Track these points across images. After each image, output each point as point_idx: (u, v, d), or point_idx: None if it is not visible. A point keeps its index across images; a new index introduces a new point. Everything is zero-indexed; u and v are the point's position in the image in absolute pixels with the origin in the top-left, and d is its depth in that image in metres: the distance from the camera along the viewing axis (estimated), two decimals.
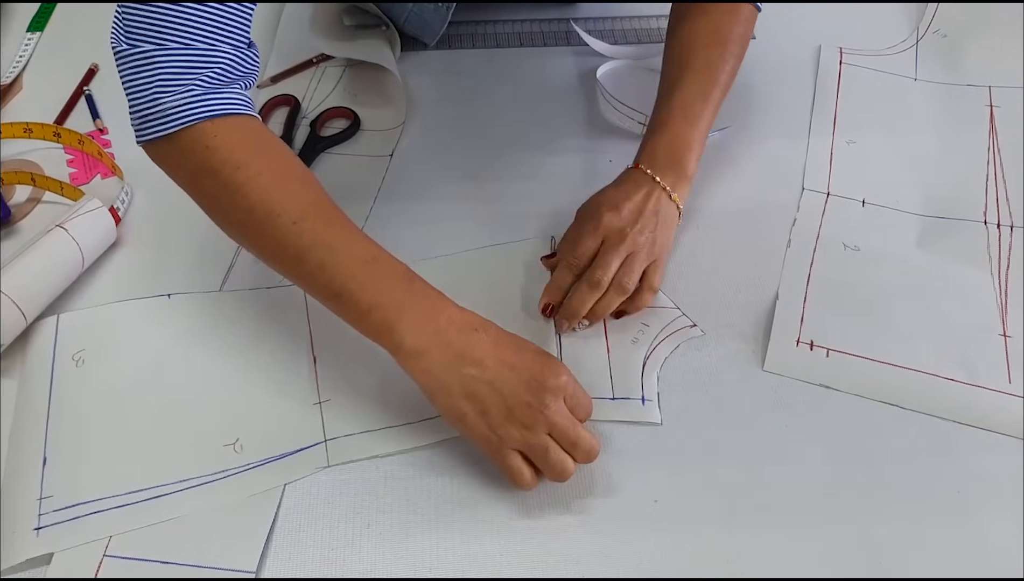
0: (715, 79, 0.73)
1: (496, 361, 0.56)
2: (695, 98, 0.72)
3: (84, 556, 0.56)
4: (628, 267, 0.66)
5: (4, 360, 0.66)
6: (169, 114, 0.57)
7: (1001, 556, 0.56)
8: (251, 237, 0.59)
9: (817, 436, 0.62)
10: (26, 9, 1.00)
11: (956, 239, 0.74)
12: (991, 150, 0.81)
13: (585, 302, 0.66)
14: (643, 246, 0.67)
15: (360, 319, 0.57)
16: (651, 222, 0.68)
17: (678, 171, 0.70)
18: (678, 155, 0.70)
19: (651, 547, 0.57)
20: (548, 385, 0.56)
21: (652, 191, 0.69)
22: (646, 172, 0.69)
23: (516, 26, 0.96)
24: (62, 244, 0.69)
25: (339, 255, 0.57)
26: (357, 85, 0.90)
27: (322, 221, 0.58)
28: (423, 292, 0.58)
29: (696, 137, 0.71)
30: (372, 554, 0.57)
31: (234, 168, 0.57)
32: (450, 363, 0.56)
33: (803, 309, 0.69)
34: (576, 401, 0.58)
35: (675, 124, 0.71)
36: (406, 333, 0.56)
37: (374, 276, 0.57)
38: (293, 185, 0.59)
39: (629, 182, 0.70)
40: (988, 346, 0.66)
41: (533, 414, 0.55)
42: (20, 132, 0.83)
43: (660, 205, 0.69)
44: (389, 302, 0.56)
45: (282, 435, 0.62)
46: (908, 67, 0.90)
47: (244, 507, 0.59)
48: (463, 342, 0.56)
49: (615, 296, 0.67)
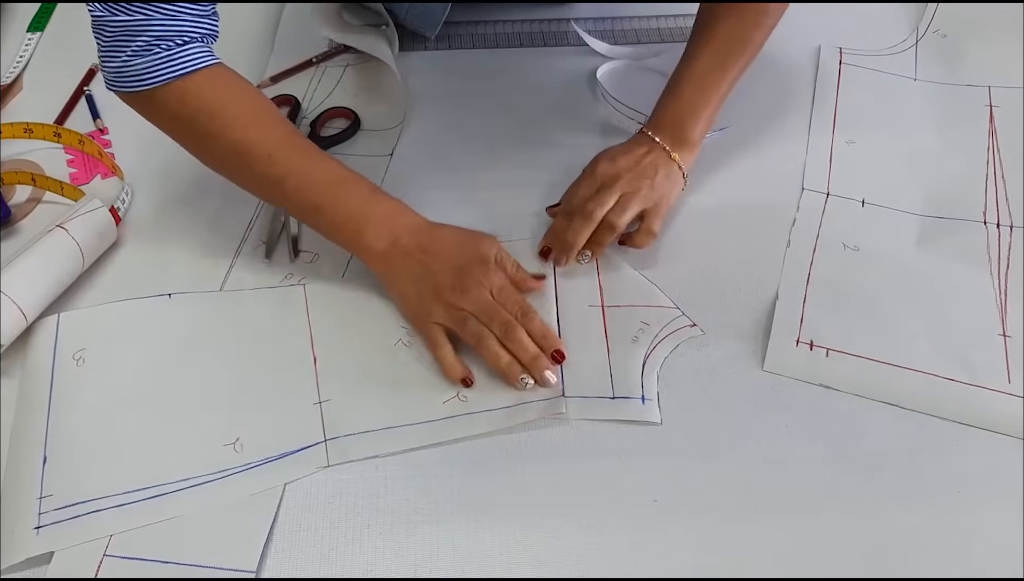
0: (733, 49, 0.73)
1: (434, 252, 0.66)
2: (709, 67, 0.73)
3: (84, 556, 0.56)
4: (621, 206, 0.70)
5: (4, 360, 0.66)
6: (146, 72, 0.63)
7: (1001, 556, 0.56)
8: (232, 172, 0.69)
9: (817, 436, 0.62)
10: (26, 9, 1.00)
11: (956, 239, 0.74)
12: (991, 150, 0.81)
13: (579, 234, 0.70)
14: (639, 189, 0.70)
15: (334, 230, 0.68)
16: (649, 171, 0.71)
17: (681, 136, 0.73)
18: (682, 121, 0.73)
19: (651, 547, 0.57)
20: (474, 261, 0.66)
21: (652, 149, 0.73)
22: (648, 134, 0.74)
23: (516, 26, 0.96)
24: (62, 244, 0.69)
25: (312, 178, 0.67)
26: (357, 85, 0.90)
27: (294, 151, 0.67)
28: (384, 204, 0.68)
29: (704, 104, 0.73)
30: (372, 554, 0.57)
31: (209, 117, 0.65)
32: (400, 258, 0.66)
33: (803, 309, 0.69)
34: (515, 269, 0.67)
35: (684, 90, 0.73)
36: (371, 239, 0.66)
37: (343, 193, 0.67)
38: (264, 124, 0.67)
39: (631, 142, 0.74)
40: (988, 346, 0.66)
41: (459, 289, 0.64)
42: (20, 132, 0.83)
43: (659, 162, 0.72)
44: (357, 214, 0.66)
45: (282, 435, 0.62)
46: (908, 67, 0.90)
47: (244, 507, 0.59)
48: (412, 241, 0.66)
49: (607, 232, 0.70)
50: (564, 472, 0.60)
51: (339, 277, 0.72)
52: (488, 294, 0.65)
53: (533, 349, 0.64)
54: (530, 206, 0.77)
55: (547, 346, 0.65)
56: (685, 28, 0.95)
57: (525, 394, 0.64)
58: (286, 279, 0.72)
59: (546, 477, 0.60)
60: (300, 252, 0.74)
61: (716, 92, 0.73)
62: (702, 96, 0.73)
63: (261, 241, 0.75)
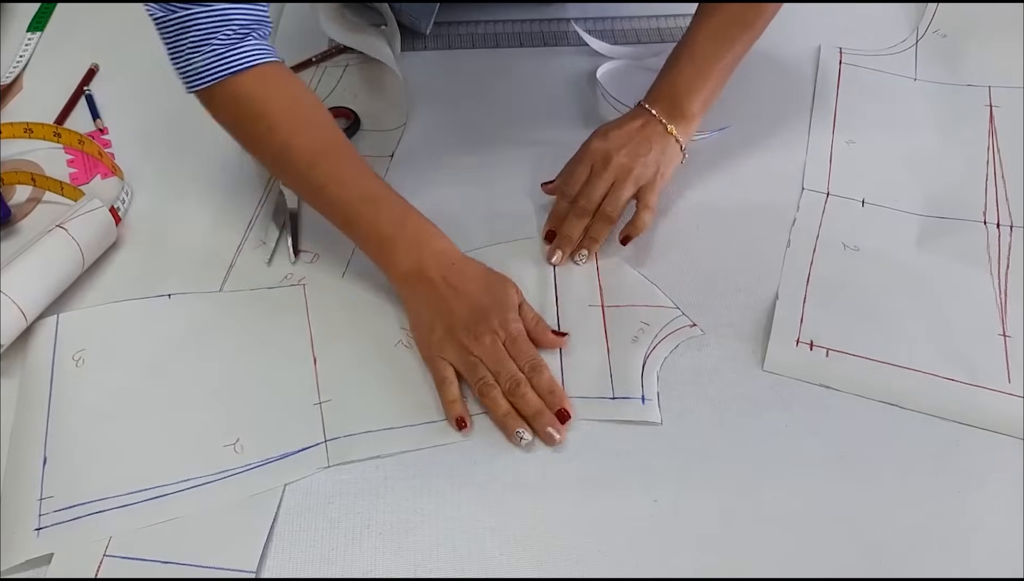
0: (736, 20, 0.73)
1: (457, 288, 0.65)
2: (708, 39, 0.73)
3: (84, 556, 0.56)
4: (613, 194, 0.70)
5: (4, 360, 0.66)
6: (202, 70, 0.65)
7: (1001, 556, 0.56)
8: (277, 173, 0.73)
9: (817, 436, 0.62)
10: (26, 9, 1.00)
11: (956, 239, 0.74)
12: (991, 150, 0.81)
13: (575, 229, 0.71)
14: (633, 168, 0.70)
15: (364, 244, 0.68)
16: (643, 147, 0.71)
17: (677, 110, 0.73)
18: (679, 95, 0.73)
19: (651, 547, 0.57)
20: (495, 307, 0.65)
21: (648, 122, 0.73)
22: (644, 107, 0.74)
23: (516, 26, 0.96)
24: (62, 244, 0.69)
25: (349, 192, 0.67)
26: (357, 85, 0.90)
27: (334, 162, 0.67)
28: (415, 226, 0.67)
29: (702, 77, 0.73)
30: (372, 554, 0.57)
31: (255, 119, 0.66)
32: (424, 285, 0.66)
33: (803, 309, 0.69)
34: (535, 322, 0.66)
35: (682, 64, 0.73)
36: (398, 260, 0.66)
37: (377, 211, 0.67)
38: (309, 130, 0.68)
39: (627, 115, 0.75)
40: (988, 346, 0.66)
41: (474, 334, 0.64)
42: (20, 132, 0.83)
43: (654, 135, 0.72)
44: (387, 234, 0.66)
45: (282, 435, 0.62)
46: (908, 67, 0.90)
47: (244, 507, 0.59)
48: (437, 272, 0.66)
49: (602, 224, 0.71)
50: (564, 472, 0.60)
51: (339, 277, 0.72)
52: (500, 344, 0.64)
53: (537, 404, 0.62)
54: (531, 206, 0.77)
55: (553, 403, 0.62)
56: (685, 28, 0.94)
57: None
58: (286, 279, 0.72)
59: (546, 477, 0.60)
60: (300, 252, 0.74)
61: (715, 67, 0.73)
62: (700, 70, 0.73)
63: (261, 241, 0.75)
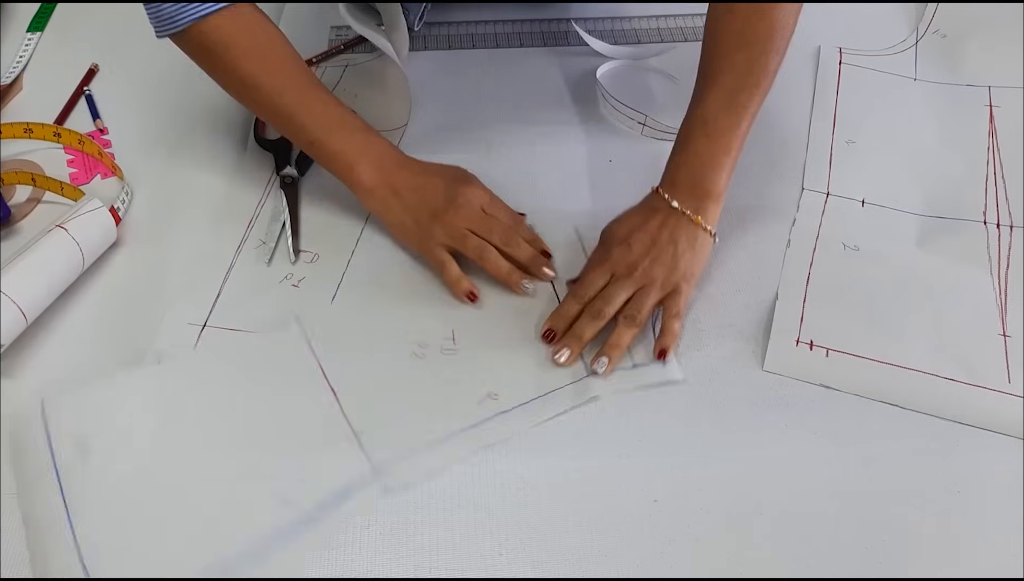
0: (744, 84, 0.67)
1: (422, 185, 0.72)
2: (720, 110, 0.67)
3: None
4: (637, 300, 0.66)
5: (4, 360, 0.66)
6: (174, 16, 0.69)
7: (1001, 556, 0.56)
8: (246, 102, 0.75)
9: (817, 436, 0.62)
10: (26, 9, 1.00)
11: (956, 239, 0.74)
12: (991, 150, 0.81)
13: (585, 330, 0.66)
14: (656, 278, 0.66)
15: (331, 166, 0.73)
16: (667, 252, 0.67)
17: (700, 193, 0.67)
18: (699, 177, 0.67)
19: (651, 547, 0.57)
20: (459, 182, 0.72)
21: (668, 218, 0.67)
22: (664, 197, 0.68)
23: (516, 26, 0.96)
24: (62, 244, 0.69)
25: (315, 118, 0.72)
26: (357, 85, 0.90)
27: (300, 91, 0.72)
28: (375, 143, 0.73)
29: (721, 152, 0.67)
30: (372, 554, 0.57)
31: (224, 48, 0.70)
32: (392, 195, 0.72)
33: (803, 309, 0.69)
34: (494, 206, 0.72)
35: (696, 141, 0.68)
36: (362, 174, 0.72)
37: (340, 132, 0.72)
38: (276, 60, 0.72)
39: (647, 209, 0.69)
40: (988, 346, 0.66)
41: (454, 208, 0.70)
42: (20, 132, 0.83)
43: (679, 232, 0.67)
44: (351, 151, 0.72)
45: (325, 477, 0.59)
46: (908, 67, 0.90)
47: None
48: (401, 179, 0.72)
49: (626, 328, 0.65)
50: (564, 472, 0.60)
51: (330, 301, 0.71)
52: (480, 211, 0.71)
53: (529, 251, 0.70)
54: (530, 205, 0.77)
55: (538, 248, 0.72)
56: (685, 28, 0.95)
57: (551, 379, 0.64)
58: (286, 279, 0.72)
59: (546, 477, 0.60)
60: (300, 252, 0.74)
61: (735, 136, 0.67)
62: (718, 143, 0.67)
63: (261, 241, 0.75)
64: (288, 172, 0.79)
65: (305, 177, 0.81)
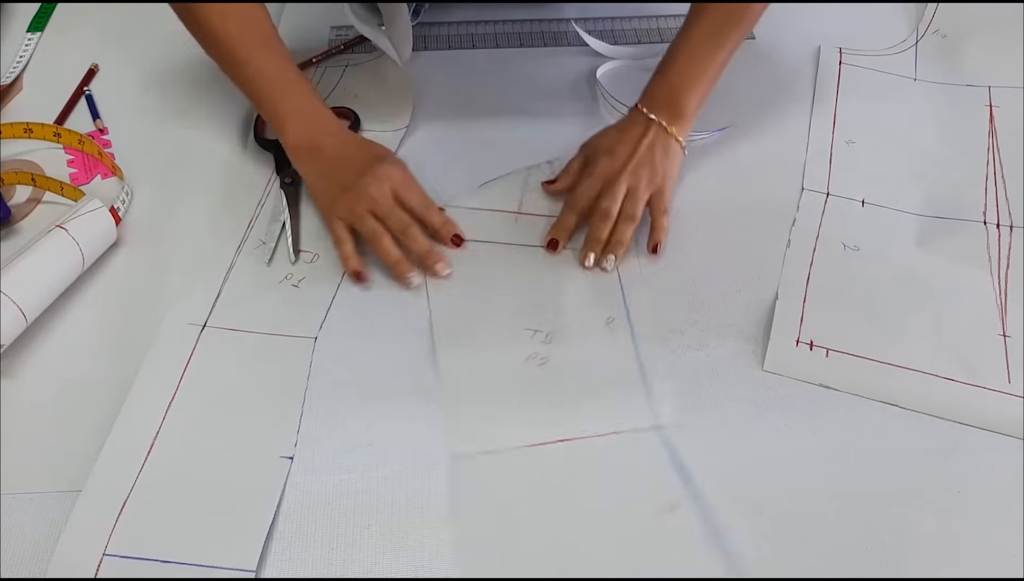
0: (727, 21, 0.74)
1: (343, 154, 0.75)
2: (703, 40, 0.74)
3: (84, 555, 0.56)
4: (631, 198, 0.73)
5: (4, 360, 0.66)
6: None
7: (1001, 556, 0.56)
8: (211, 55, 0.76)
9: (817, 436, 0.62)
10: (26, 9, 1.00)
11: (956, 239, 0.74)
12: (991, 150, 0.81)
13: (602, 230, 0.72)
14: (642, 178, 0.73)
15: (267, 114, 0.76)
16: (648, 156, 0.74)
17: (674, 110, 0.74)
18: (676, 95, 0.74)
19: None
20: (376, 160, 0.73)
21: (648, 129, 0.74)
22: (643, 111, 0.75)
23: (516, 26, 0.96)
24: (62, 244, 0.69)
25: (266, 72, 0.75)
26: (357, 85, 0.90)
27: (258, 45, 0.75)
28: (314, 107, 0.76)
29: (698, 77, 0.74)
30: (372, 554, 0.57)
31: (208, 40, 0.74)
32: (312, 156, 0.75)
33: (803, 309, 0.69)
34: (407, 190, 0.73)
35: (677, 65, 0.75)
36: (290, 130, 0.75)
37: (286, 88, 0.75)
38: (241, 16, 0.74)
39: (627, 122, 0.76)
40: (988, 346, 0.66)
41: (360, 186, 0.71)
42: (20, 132, 0.83)
43: (656, 140, 0.74)
44: (288, 107, 0.75)
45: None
46: (908, 67, 0.90)
47: (244, 507, 0.59)
48: (327, 141, 0.75)
49: (626, 224, 0.72)
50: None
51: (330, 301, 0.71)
52: (388, 194, 0.72)
53: (426, 244, 0.71)
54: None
55: (446, 233, 0.73)
56: None
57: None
58: (286, 279, 0.72)
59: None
60: (300, 252, 0.74)
61: (710, 65, 0.74)
62: (696, 69, 0.74)
63: (261, 241, 0.75)
64: (288, 172, 0.79)
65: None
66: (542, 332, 0.68)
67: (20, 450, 0.62)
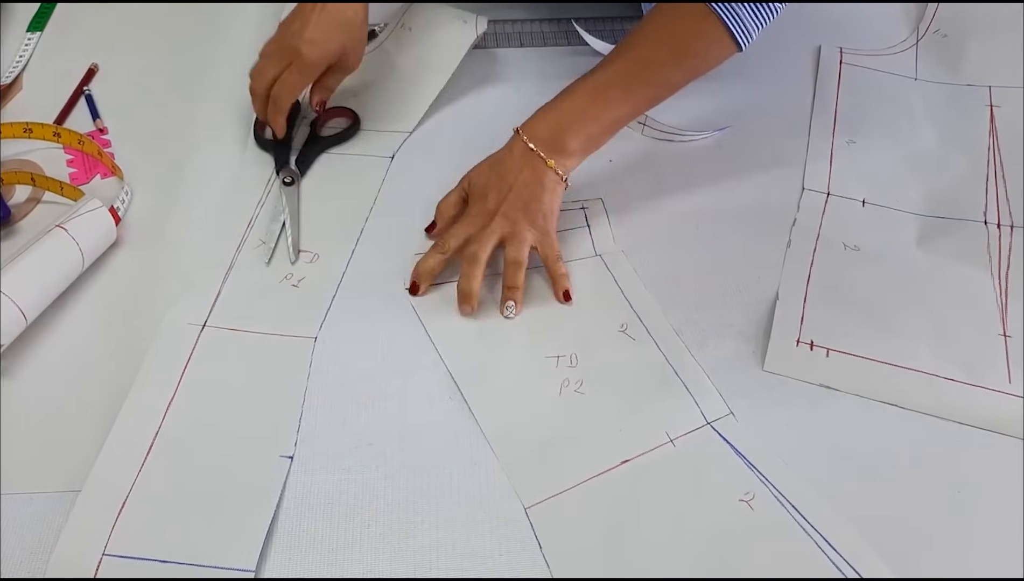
0: (647, 78, 0.70)
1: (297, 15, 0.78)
2: (614, 84, 0.70)
3: (83, 555, 0.56)
4: (512, 242, 0.69)
5: (4, 360, 0.66)
6: None
7: (1001, 556, 0.56)
8: None
9: (817, 436, 0.62)
10: (26, 9, 1.00)
11: (956, 239, 0.74)
12: (991, 150, 0.81)
13: (474, 280, 0.68)
14: (518, 220, 0.69)
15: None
16: (522, 194, 0.69)
17: (555, 144, 0.69)
18: (563, 128, 0.70)
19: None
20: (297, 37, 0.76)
21: (525, 161, 0.70)
22: (523, 138, 0.71)
23: (516, 26, 0.96)
24: (62, 244, 0.69)
25: None
26: (358, 85, 0.90)
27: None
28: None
29: (593, 120, 0.70)
30: (372, 554, 0.57)
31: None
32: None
33: (803, 309, 0.69)
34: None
35: (579, 97, 0.70)
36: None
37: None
38: None
39: (503, 153, 0.72)
40: (988, 346, 0.66)
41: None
42: (20, 132, 0.83)
43: (533, 174, 0.69)
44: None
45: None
46: (908, 67, 0.90)
47: (244, 507, 0.59)
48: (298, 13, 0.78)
49: (513, 269, 0.68)
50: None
51: (330, 301, 0.71)
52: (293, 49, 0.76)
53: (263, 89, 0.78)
54: None
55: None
56: None
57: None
58: (286, 279, 0.72)
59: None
60: (300, 252, 0.74)
61: (611, 112, 0.70)
62: (595, 111, 0.69)
63: (261, 241, 0.75)
64: (288, 172, 0.79)
65: (305, 177, 0.81)
66: (565, 356, 0.67)
67: (20, 450, 0.62)
